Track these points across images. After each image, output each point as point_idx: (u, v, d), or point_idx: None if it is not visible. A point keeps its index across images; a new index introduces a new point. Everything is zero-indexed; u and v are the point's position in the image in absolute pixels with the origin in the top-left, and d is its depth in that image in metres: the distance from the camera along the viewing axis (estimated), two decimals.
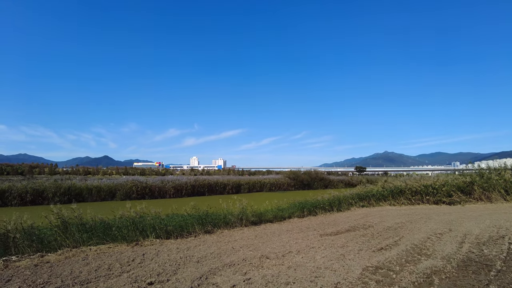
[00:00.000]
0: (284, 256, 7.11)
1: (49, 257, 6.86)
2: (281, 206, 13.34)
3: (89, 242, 7.65)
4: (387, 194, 18.05)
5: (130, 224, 8.37)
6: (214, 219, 9.95)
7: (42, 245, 7.09)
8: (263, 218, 11.48)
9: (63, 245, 7.33)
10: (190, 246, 8.04)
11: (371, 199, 17.65)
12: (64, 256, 6.96)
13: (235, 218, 10.59)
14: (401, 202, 17.75)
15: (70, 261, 6.67)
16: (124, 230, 8.16)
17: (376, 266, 6.47)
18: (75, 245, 7.45)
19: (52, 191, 21.06)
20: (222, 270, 6.14)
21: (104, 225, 8.15)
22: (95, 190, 23.19)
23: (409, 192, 18.00)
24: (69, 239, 7.44)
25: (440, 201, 17.25)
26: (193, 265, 6.49)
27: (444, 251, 7.74)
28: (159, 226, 8.67)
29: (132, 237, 8.16)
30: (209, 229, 9.58)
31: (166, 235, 8.67)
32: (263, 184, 34.97)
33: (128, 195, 24.12)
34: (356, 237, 9.46)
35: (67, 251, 7.19)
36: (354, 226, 11.36)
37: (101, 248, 7.57)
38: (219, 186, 30.56)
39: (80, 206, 19.51)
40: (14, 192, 19.73)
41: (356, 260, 6.86)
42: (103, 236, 7.92)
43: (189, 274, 5.87)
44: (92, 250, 7.40)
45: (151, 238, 8.35)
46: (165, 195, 26.04)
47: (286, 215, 12.41)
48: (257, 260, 6.76)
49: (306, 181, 38.69)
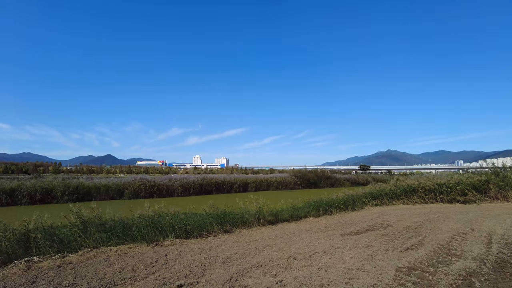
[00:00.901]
0: (311, 257, 6.91)
1: (70, 257, 6.69)
2: (296, 205, 13.13)
3: (109, 243, 7.47)
4: (400, 193, 17.80)
5: (149, 223, 8.19)
6: (232, 218, 9.75)
7: (63, 246, 6.92)
8: (280, 217, 11.28)
9: (83, 246, 7.15)
10: (211, 246, 7.86)
11: (384, 197, 17.41)
12: (85, 257, 6.78)
13: (252, 217, 10.39)
14: (414, 201, 17.50)
15: (92, 262, 6.50)
16: (143, 230, 7.98)
17: (408, 267, 6.26)
18: (95, 246, 7.27)
19: (61, 190, 20.92)
20: (251, 272, 5.95)
21: (124, 224, 7.97)
22: (103, 189, 23.04)
23: (422, 191, 17.74)
24: (89, 239, 7.26)
25: (454, 200, 17.01)
26: (220, 266, 6.30)
27: (473, 251, 7.53)
28: (178, 225, 8.48)
29: (152, 237, 7.98)
30: (227, 229, 9.39)
31: (185, 234, 8.49)
32: (269, 183, 34.74)
33: (136, 194, 23.96)
34: (378, 236, 9.25)
35: (88, 252, 7.02)
36: (372, 226, 11.15)
37: (121, 249, 7.39)
38: (226, 184, 30.37)
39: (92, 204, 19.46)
40: (23, 191, 19.61)
41: (386, 261, 6.65)
42: (122, 236, 7.74)
43: (218, 276, 5.68)
44: (112, 251, 7.23)
45: (171, 238, 8.16)
46: (173, 193, 25.86)
47: (302, 214, 12.20)
48: (284, 261, 6.57)
49: (312, 179, 38.42)
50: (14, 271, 5.86)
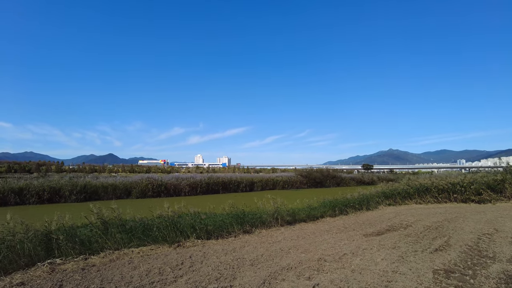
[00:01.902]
0: (341, 259, 6.68)
1: (93, 260, 6.48)
2: (312, 205, 12.90)
3: (130, 244, 7.25)
4: (413, 192, 17.57)
5: (169, 224, 7.97)
6: (251, 218, 9.53)
7: (84, 247, 6.70)
8: (297, 217, 11.06)
9: (105, 247, 6.94)
10: (235, 247, 7.64)
11: (397, 197, 17.17)
12: (108, 259, 6.57)
13: (270, 217, 10.17)
14: (428, 201, 17.26)
15: (116, 264, 6.28)
16: (164, 231, 7.76)
17: (444, 269, 6.04)
18: (116, 247, 7.06)
19: (69, 189, 20.71)
20: (283, 274, 5.73)
21: (144, 225, 7.75)
22: (110, 188, 22.81)
23: (435, 190, 17.49)
24: (110, 241, 7.04)
25: (468, 199, 16.77)
26: (249, 268, 6.08)
27: (505, 253, 7.31)
28: (199, 226, 8.26)
29: (173, 238, 7.76)
30: (247, 229, 9.17)
31: (206, 235, 8.26)
32: (275, 182, 34.52)
33: (143, 193, 23.73)
34: (401, 237, 9.02)
35: (110, 254, 6.81)
36: (392, 226, 10.92)
37: (143, 250, 7.18)
38: (232, 184, 30.14)
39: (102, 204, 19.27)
40: (31, 190, 19.42)
41: (419, 263, 6.43)
42: (143, 237, 7.52)
43: (250, 279, 5.46)
44: (134, 253, 7.01)
45: (192, 238, 7.95)
46: (180, 193, 25.62)
47: (318, 214, 11.98)
48: (315, 263, 6.35)
49: (318, 179, 38.15)
50: (38, 274, 5.65)
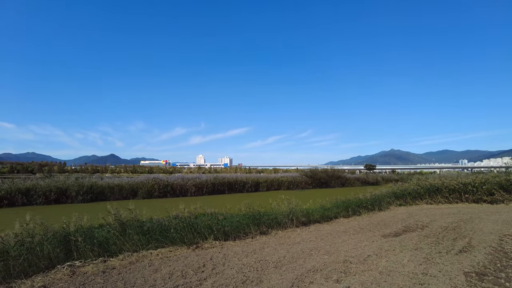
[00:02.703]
0: (366, 261, 6.52)
1: (112, 262, 6.32)
2: (325, 205, 12.72)
3: (148, 246, 7.09)
4: (423, 193, 17.38)
5: (187, 225, 7.80)
6: (267, 219, 9.36)
7: (102, 249, 6.54)
8: (311, 218, 10.89)
9: (123, 249, 6.78)
10: (255, 249, 7.48)
11: (408, 197, 16.99)
12: (127, 261, 6.41)
13: (285, 218, 10.00)
14: (438, 201, 17.08)
15: (136, 267, 6.12)
16: (181, 232, 7.60)
17: (475, 271, 5.87)
18: (135, 249, 6.90)
19: (75, 189, 20.56)
20: (310, 277, 5.56)
21: (161, 226, 7.58)
22: (117, 189, 22.64)
23: (446, 191, 17.31)
24: (128, 243, 6.88)
25: (480, 199, 16.59)
26: (274, 271, 5.92)
27: None
28: (216, 227, 8.10)
29: (191, 239, 7.60)
30: (264, 230, 9.01)
31: (224, 236, 8.10)
32: (281, 182, 34.32)
33: (150, 194, 23.56)
34: (420, 238, 8.85)
35: (129, 256, 6.65)
36: (407, 226, 10.75)
37: (162, 252, 7.02)
38: (238, 184, 29.94)
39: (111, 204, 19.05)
40: (38, 191, 19.27)
41: (447, 265, 6.26)
42: (161, 238, 7.36)
43: (277, 282, 5.30)
44: (153, 255, 6.85)
45: (210, 240, 7.78)
46: (186, 193, 25.45)
47: (332, 214, 11.81)
48: (340, 265, 6.18)
49: (323, 179, 37.93)
50: (59, 277, 5.49)
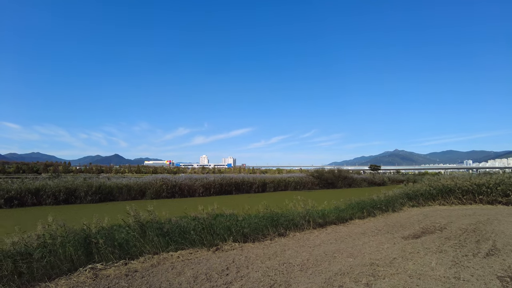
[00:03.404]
0: (392, 263, 6.35)
1: (133, 265, 6.20)
2: (340, 206, 12.54)
3: (168, 248, 6.96)
4: (436, 193, 17.15)
5: (206, 226, 7.67)
6: (284, 221, 9.21)
7: (122, 251, 6.42)
8: (327, 219, 10.72)
9: (144, 251, 6.65)
10: (276, 251, 7.33)
11: (420, 198, 16.77)
12: (148, 264, 6.29)
13: (302, 219, 9.84)
14: (451, 202, 16.85)
15: (159, 270, 5.99)
16: (201, 233, 7.47)
17: (508, 276, 5.68)
18: (155, 251, 6.77)
19: (84, 190, 20.52)
20: (338, 280, 5.41)
21: (181, 228, 7.45)
22: (125, 189, 22.57)
23: (459, 192, 17.06)
24: (148, 245, 6.76)
25: (495, 201, 16.33)
26: (300, 274, 5.77)
27: None
28: (235, 228, 7.96)
29: (210, 241, 7.47)
30: (282, 232, 8.86)
31: (243, 238, 7.96)
32: (287, 183, 34.14)
33: (158, 194, 23.48)
34: (442, 240, 8.66)
35: (150, 258, 6.53)
36: (425, 228, 10.56)
37: (182, 254, 6.89)
38: (245, 184, 29.80)
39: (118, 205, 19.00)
40: (48, 191, 19.24)
41: (478, 268, 6.08)
42: (180, 240, 7.23)
43: (306, 286, 5.16)
44: (174, 257, 6.72)
45: (229, 242, 7.64)
46: (194, 193, 25.35)
47: (347, 216, 11.64)
48: (367, 268, 6.01)
49: (330, 179, 37.73)
50: (83, 280, 5.38)
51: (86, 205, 19.33)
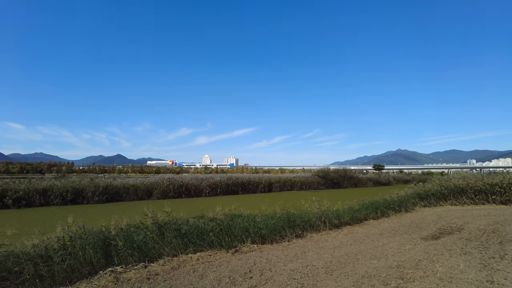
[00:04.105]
0: (419, 266, 6.16)
1: (153, 267, 6.04)
2: (353, 207, 12.35)
3: (186, 250, 6.81)
4: (447, 193, 16.92)
5: (224, 227, 7.51)
6: (301, 222, 9.04)
7: (141, 253, 6.26)
8: (342, 220, 10.53)
9: (163, 253, 6.50)
10: (296, 253, 7.15)
11: (432, 198, 16.56)
12: (169, 266, 6.13)
13: (318, 220, 9.66)
14: (463, 202, 16.62)
15: (180, 273, 5.82)
16: (219, 235, 7.30)
17: None
18: (174, 253, 6.62)
19: (91, 190, 20.41)
20: (366, 284, 5.23)
21: (199, 229, 7.29)
22: (132, 189, 22.45)
23: (471, 191, 16.81)
24: (167, 247, 6.60)
25: (508, 201, 16.08)
26: (326, 277, 5.59)
27: None
28: (253, 230, 7.79)
29: (229, 242, 7.31)
30: (299, 233, 8.68)
31: (261, 239, 7.80)
32: (293, 183, 33.95)
33: (165, 194, 23.34)
34: (463, 241, 8.46)
35: (169, 261, 6.37)
36: (442, 229, 10.36)
37: (202, 256, 6.73)
38: (251, 184, 29.62)
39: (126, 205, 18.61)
40: (55, 191, 19.14)
41: (510, 271, 5.87)
42: (199, 242, 7.07)
43: None
44: (193, 259, 6.57)
45: (247, 243, 7.48)
46: (201, 193, 25.20)
47: (362, 216, 11.46)
48: (394, 271, 5.83)
49: (336, 179, 37.51)
50: (104, 284, 5.22)
51: (94, 206, 19.22)
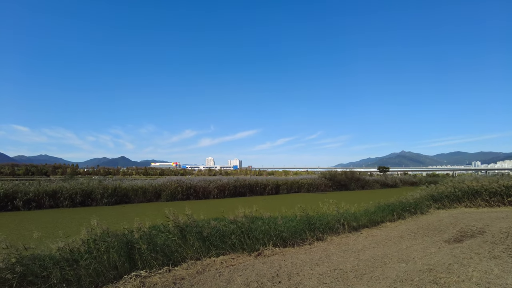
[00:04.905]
0: (450, 269, 5.96)
1: (178, 271, 5.89)
2: (370, 209, 12.15)
3: (209, 253, 6.65)
4: (461, 196, 16.67)
5: (245, 230, 7.35)
6: (321, 224, 8.86)
7: (164, 257, 6.11)
8: (360, 223, 10.35)
9: (186, 257, 6.35)
10: (320, 256, 6.98)
11: (445, 200, 16.31)
12: (193, 270, 5.97)
13: (337, 223, 9.48)
14: (478, 204, 16.35)
15: (206, 277, 5.66)
16: (241, 238, 7.15)
17: None
18: (197, 257, 6.47)
19: (100, 192, 20.34)
20: None
21: (220, 232, 7.14)
22: (140, 191, 22.39)
23: (486, 194, 16.54)
24: (190, 250, 6.46)
25: None
26: (357, 281, 5.41)
27: None
28: (274, 232, 7.63)
29: (251, 245, 7.15)
30: (319, 236, 8.50)
31: (282, 242, 7.63)
32: (301, 185, 33.75)
33: (173, 196, 23.24)
34: (489, 245, 8.23)
35: (193, 264, 6.22)
36: (463, 231, 10.15)
37: (225, 260, 6.58)
38: (259, 186, 29.45)
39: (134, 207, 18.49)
40: (65, 193, 19.08)
41: None
42: (221, 245, 6.92)
43: None
44: (217, 263, 6.41)
45: (269, 246, 7.32)
46: (209, 195, 25.08)
47: (379, 219, 11.26)
48: (426, 275, 5.63)
49: (343, 181, 37.27)
50: None
51: (103, 208, 19.14)
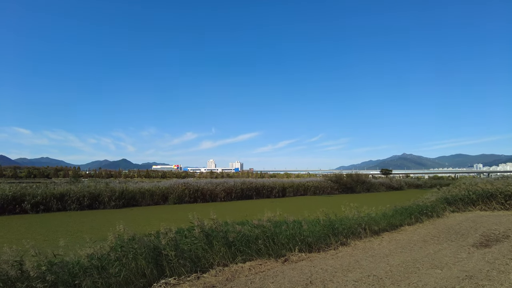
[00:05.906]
0: (490, 276, 5.75)
1: (206, 278, 5.66)
2: (387, 212, 11.91)
3: (235, 259, 6.43)
4: (476, 198, 16.44)
5: (271, 235, 7.13)
6: (343, 229, 8.63)
7: (192, 263, 5.88)
8: (380, 226, 10.12)
9: (213, 263, 6.12)
10: (349, 262, 6.75)
11: (459, 203, 16.09)
12: (222, 277, 5.74)
13: (359, 227, 9.26)
14: (493, 207, 16.12)
15: (237, 285, 5.42)
16: (266, 243, 6.93)
17: None
18: (224, 263, 6.24)
19: (108, 195, 20.12)
20: None
21: (246, 237, 6.90)
22: (147, 194, 22.18)
23: (501, 196, 16.31)
24: (217, 256, 6.23)
25: None
26: None
27: None
28: (299, 237, 7.41)
29: (277, 251, 6.93)
30: (343, 241, 8.27)
31: (307, 248, 7.41)
32: (307, 188, 33.54)
33: (180, 199, 23.00)
34: None
35: (221, 271, 6.00)
36: (487, 235, 9.91)
37: (253, 266, 6.35)
38: (265, 189, 29.23)
39: (142, 210, 18.20)
40: (72, 196, 18.85)
41: None
42: (247, 250, 6.69)
43: None
44: (245, 269, 6.18)
45: (295, 251, 7.09)
46: (216, 198, 24.85)
47: (398, 222, 11.04)
48: (467, 282, 5.41)
49: (349, 184, 37.03)
50: None
51: (111, 211, 18.90)
